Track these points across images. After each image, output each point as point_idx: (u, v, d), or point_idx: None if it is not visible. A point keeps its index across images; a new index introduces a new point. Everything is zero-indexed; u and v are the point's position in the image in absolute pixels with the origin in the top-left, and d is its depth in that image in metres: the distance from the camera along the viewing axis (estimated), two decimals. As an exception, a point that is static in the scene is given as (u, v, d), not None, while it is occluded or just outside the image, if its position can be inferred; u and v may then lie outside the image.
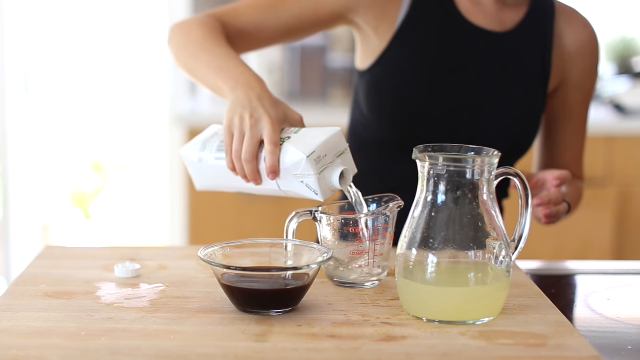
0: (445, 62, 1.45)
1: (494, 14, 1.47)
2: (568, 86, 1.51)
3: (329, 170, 1.14)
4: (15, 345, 0.93)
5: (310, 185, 1.13)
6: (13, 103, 3.53)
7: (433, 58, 1.45)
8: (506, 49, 1.46)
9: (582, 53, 1.50)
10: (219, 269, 1.03)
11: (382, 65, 1.46)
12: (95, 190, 4.30)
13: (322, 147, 1.13)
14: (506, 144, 1.43)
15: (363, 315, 1.03)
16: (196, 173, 1.25)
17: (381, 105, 1.46)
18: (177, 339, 0.95)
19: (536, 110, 1.48)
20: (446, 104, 1.45)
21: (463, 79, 1.45)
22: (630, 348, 1.03)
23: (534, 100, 1.48)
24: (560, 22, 1.49)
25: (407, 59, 1.45)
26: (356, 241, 1.13)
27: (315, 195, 1.14)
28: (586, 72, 1.51)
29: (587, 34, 1.51)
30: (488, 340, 0.96)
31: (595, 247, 3.25)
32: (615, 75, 3.82)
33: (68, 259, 1.28)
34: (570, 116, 1.53)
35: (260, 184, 1.18)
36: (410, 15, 1.45)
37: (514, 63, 1.47)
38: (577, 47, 1.50)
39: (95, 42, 4.06)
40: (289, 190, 1.16)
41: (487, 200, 1.01)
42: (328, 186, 1.15)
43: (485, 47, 1.45)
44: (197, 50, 1.33)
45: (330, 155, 1.14)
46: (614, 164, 3.25)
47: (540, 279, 1.34)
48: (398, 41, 1.45)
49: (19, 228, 3.63)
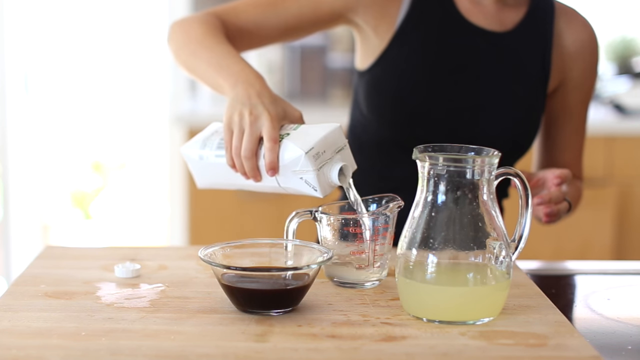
0: (445, 62, 1.45)
1: (494, 13, 1.47)
2: (568, 86, 1.51)
3: (327, 166, 1.14)
4: (15, 345, 0.93)
5: (309, 182, 1.13)
6: (13, 103, 3.53)
7: (433, 58, 1.45)
8: (506, 49, 1.46)
9: (581, 53, 1.50)
10: (219, 269, 1.03)
11: (382, 65, 1.46)
12: (95, 190, 4.30)
13: (321, 143, 1.13)
14: (506, 144, 1.43)
15: (363, 315, 1.03)
16: (197, 171, 1.25)
17: (381, 105, 1.46)
18: (177, 339, 0.95)
19: (536, 111, 1.48)
20: (446, 104, 1.45)
21: (463, 79, 1.45)
22: (630, 348, 1.03)
23: (534, 100, 1.48)
24: (560, 22, 1.49)
25: (406, 59, 1.45)
26: (356, 241, 1.13)
27: (314, 192, 1.14)
28: (586, 72, 1.51)
29: (587, 34, 1.51)
30: (488, 340, 0.96)
31: (595, 247, 3.25)
32: (615, 75, 3.82)
33: (68, 259, 1.28)
34: (569, 116, 1.53)
35: (259, 181, 1.17)
36: (410, 15, 1.45)
37: (513, 63, 1.47)
38: (576, 47, 1.50)
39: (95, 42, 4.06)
40: (289, 187, 1.16)
41: (487, 200, 1.01)
42: (327, 182, 1.15)
43: (485, 47, 1.45)
44: (197, 47, 1.33)
45: (329, 152, 1.14)
46: (614, 164, 3.25)
47: (540, 279, 1.34)
48: (398, 41, 1.45)
49: (19, 228, 3.63)
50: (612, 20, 3.92)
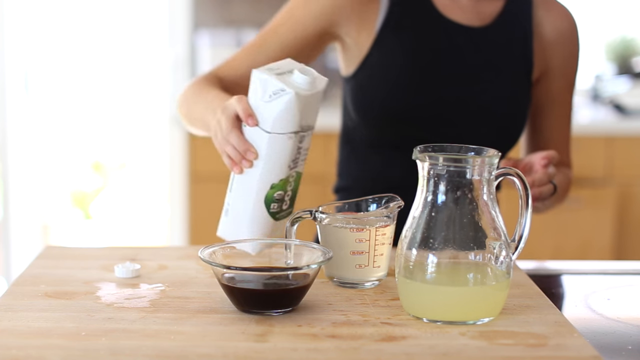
0: (427, 62, 1.45)
1: (471, 8, 1.47)
2: (550, 75, 1.51)
3: (288, 74, 1.14)
4: (15, 345, 0.93)
5: (279, 93, 1.12)
6: (13, 103, 3.53)
7: (415, 58, 1.45)
8: (487, 43, 1.46)
9: (561, 41, 1.51)
10: (219, 269, 1.03)
11: (365, 70, 1.46)
12: (95, 190, 4.31)
13: (274, 65, 1.15)
14: (494, 137, 1.44)
15: (363, 315, 1.03)
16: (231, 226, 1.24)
17: (367, 108, 1.47)
18: (177, 339, 0.95)
19: (522, 101, 1.49)
20: (432, 103, 1.45)
21: (446, 77, 1.45)
22: (630, 348, 1.03)
23: (519, 91, 1.48)
24: (539, 11, 1.50)
25: (389, 61, 1.45)
26: (356, 241, 1.13)
27: (287, 97, 1.12)
28: (567, 60, 1.52)
29: (566, 21, 1.51)
30: (488, 340, 0.96)
31: (595, 247, 3.25)
32: (615, 75, 3.82)
33: (68, 259, 1.28)
34: (554, 105, 1.53)
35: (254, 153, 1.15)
36: (389, 18, 1.45)
37: (496, 56, 1.47)
38: (556, 35, 1.50)
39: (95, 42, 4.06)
40: (275, 135, 1.13)
41: (487, 200, 1.01)
42: (297, 86, 1.13)
43: (466, 44, 1.46)
44: (191, 102, 1.37)
45: (286, 68, 1.15)
46: (614, 164, 3.25)
47: (540, 279, 1.33)
48: (379, 45, 1.45)
49: (19, 228, 3.63)
50: (612, 20, 3.92)
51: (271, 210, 1.18)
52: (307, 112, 1.15)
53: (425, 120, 1.45)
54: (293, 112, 1.12)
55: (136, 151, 4.29)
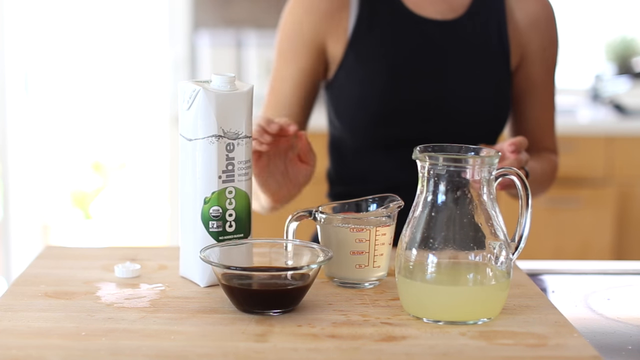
0: (403, 60, 1.45)
1: (442, 1, 1.47)
2: (529, 60, 1.51)
3: (208, 82, 1.14)
4: (15, 345, 0.93)
5: (192, 95, 1.11)
6: (13, 103, 3.53)
7: (390, 58, 1.45)
8: (462, 35, 1.46)
9: (536, 25, 1.50)
10: (219, 269, 1.03)
11: (342, 74, 1.47)
12: (95, 190, 4.31)
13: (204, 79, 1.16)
14: (478, 128, 1.45)
15: (363, 315, 1.03)
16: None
17: (349, 112, 1.47)
18: (177, 339, 0.95)
19: (503, 88, 1.48)
20: (412, 100, 1.45)
21: (424, 73, 1.45)
22: (630, 348, 1.03)
23: (499, 78, 1.48)
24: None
25: (364, 63, 1.45)
26: (356, 241, 1.13)
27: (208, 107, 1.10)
28: (544, 43, 1.51)
29: (539, 5, 1.51)
30: (488, 340, 0.96)
31: (595, 247, 3.25)
32: (615, 75, 3.82)
33: (68, 259, 1.28)
34: (536, 90, 1.52)
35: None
36: (360, 20, 1.45)
37: (472, 47, 1.47)
38: (530, 20, 1.50)
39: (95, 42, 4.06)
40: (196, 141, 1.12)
41: (487, 200, 1.01)
42: (211, 87, 1.12)
43: (441, 38, 1.45)
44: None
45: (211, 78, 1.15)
46: (614, 164, 3.25)
47: (540, 279, 1.34)
48: (353, 47, 1.45)
49: (19, 228, 3.63)
50: (612, 20, 3.92)
51: (210, 230, 1.13)
52: (229, 116, 1.12)
53: (406, 119, 1.45)
54: (209, 112, 1.10)
55: (136, 151, 4.29)
